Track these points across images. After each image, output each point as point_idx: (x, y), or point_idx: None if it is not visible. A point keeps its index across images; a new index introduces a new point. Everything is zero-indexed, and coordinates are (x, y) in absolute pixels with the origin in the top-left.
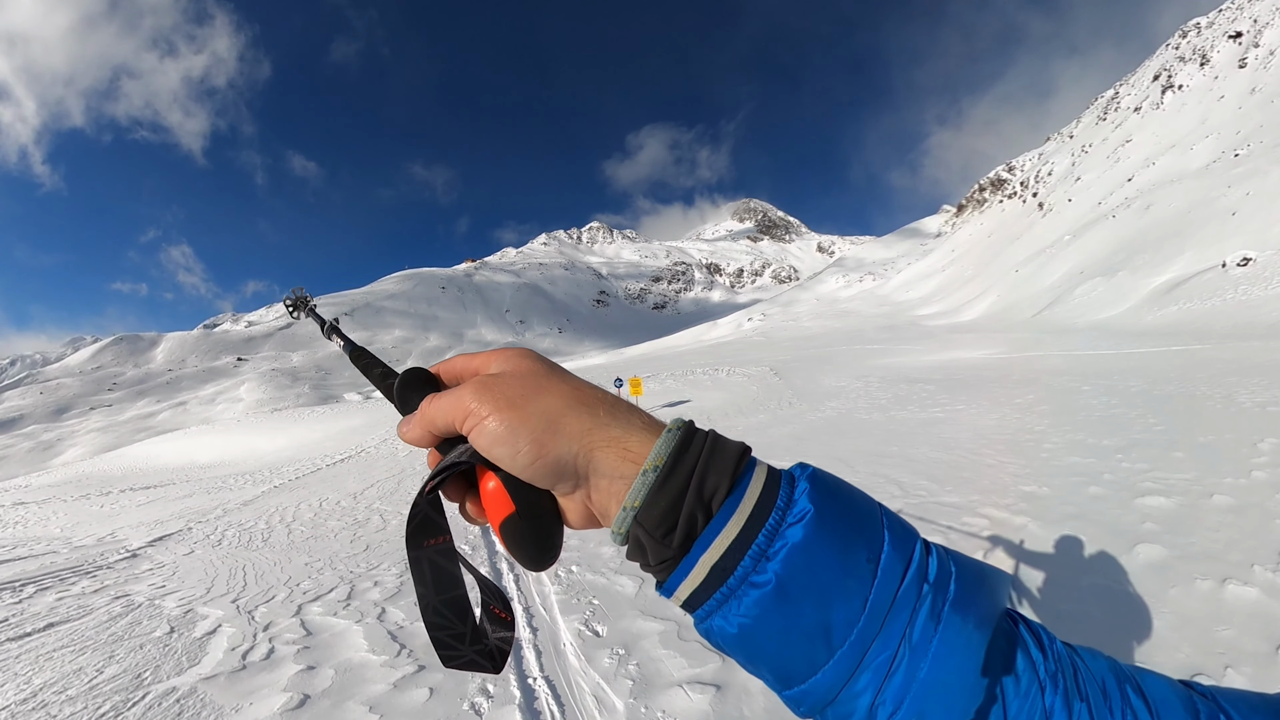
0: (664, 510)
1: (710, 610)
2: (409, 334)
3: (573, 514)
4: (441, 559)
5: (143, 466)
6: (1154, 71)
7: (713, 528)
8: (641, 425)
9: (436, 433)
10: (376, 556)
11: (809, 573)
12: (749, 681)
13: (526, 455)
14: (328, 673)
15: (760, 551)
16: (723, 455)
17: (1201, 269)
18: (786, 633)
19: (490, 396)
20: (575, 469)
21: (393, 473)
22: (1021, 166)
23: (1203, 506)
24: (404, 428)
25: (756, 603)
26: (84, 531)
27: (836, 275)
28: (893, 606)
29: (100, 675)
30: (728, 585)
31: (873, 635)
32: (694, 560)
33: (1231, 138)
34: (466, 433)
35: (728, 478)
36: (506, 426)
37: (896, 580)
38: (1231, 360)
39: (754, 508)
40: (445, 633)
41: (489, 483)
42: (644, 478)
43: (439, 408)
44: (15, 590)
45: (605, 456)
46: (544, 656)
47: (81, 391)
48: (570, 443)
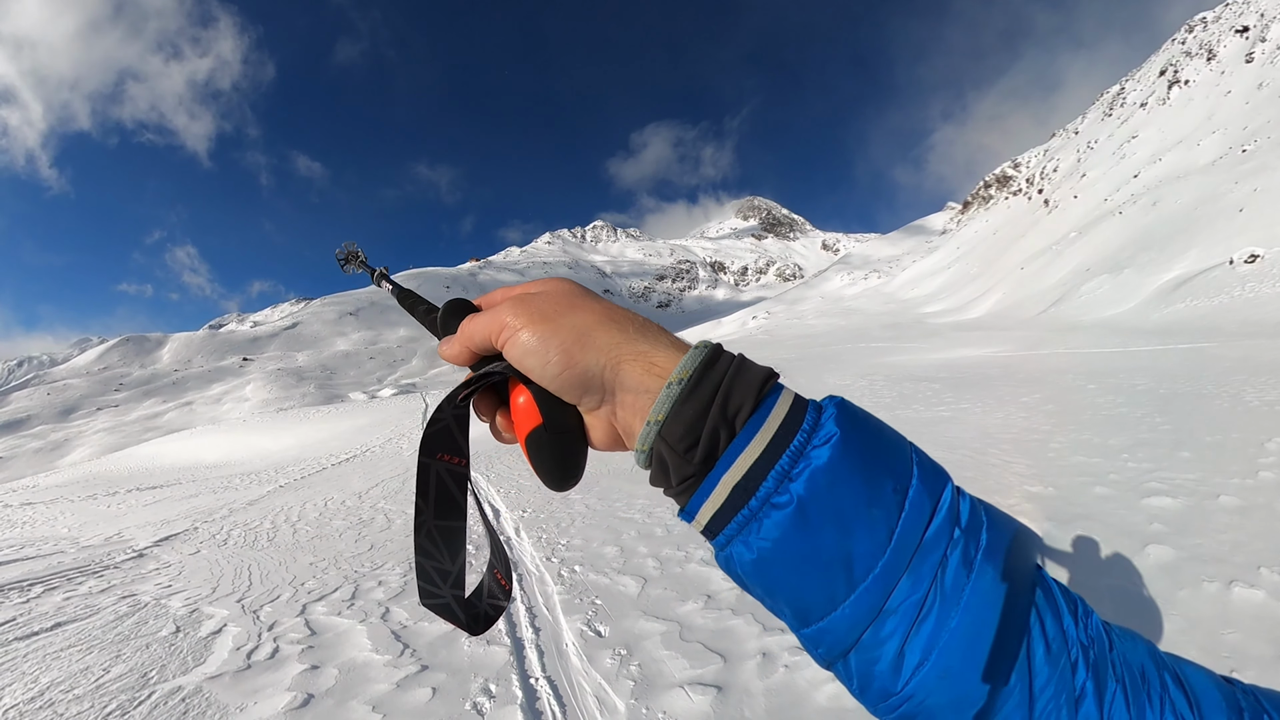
0: (688, 424)
1: (730, 535)
2: (414, 332)
3: (597, 432)
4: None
5: (149, 466)
6: (1160, 66)
7: (736, 445)
8: (669, 343)
9: (474, 349)
10: (381, 556)
11: (831, 495)
12: (750, 683)
13: (556, 365)
14: (331, 672)
15: (783, 472)
16: (749, 375)
17: (1208, 266)
18: (805, 560)
19: (525, 310)
20: (602, 382)
21: (397, 472)
22: (1027, 163)
23: (1209, 507)
24: (444, 346)
25: (776, 525)
26: (91, 531)
27: (841, 273)
28: (921, 545)
29: (107, 674)
30: (749, 507)
31: (898, 573)
32: (716, 479)
33: (1239, 133)
34: (501, 346)
35: (753, 397)
36: (538, 338)
37: (925, 516)
38: (1239, 358)
39: (779, 428)
40: (431, 564)
41: (519, 397)
42: (669, 390)
43: (477, 324)
44: (23, 590)
45: (631, 370)
46: (546, 657)
47: (88, 392)
48: (598, 355)
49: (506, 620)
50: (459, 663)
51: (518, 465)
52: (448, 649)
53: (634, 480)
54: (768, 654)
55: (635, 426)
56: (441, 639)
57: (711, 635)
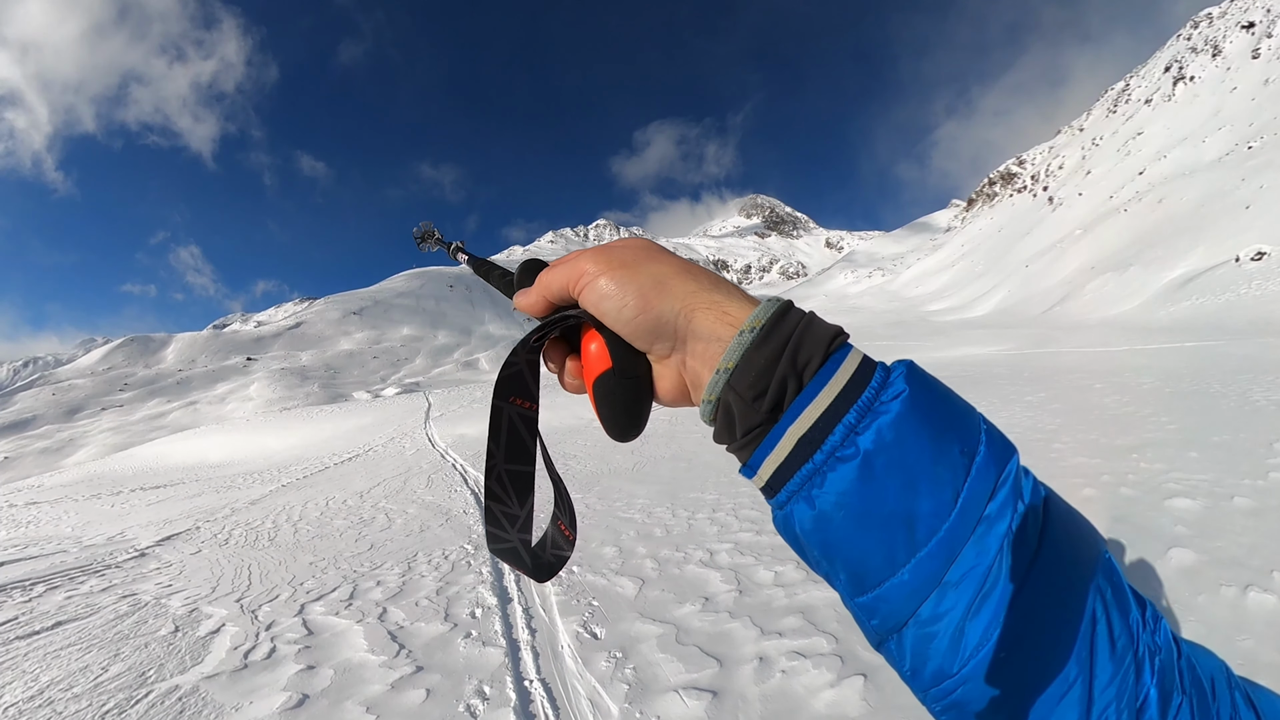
0: (757, 373)
1: (792, 491)
2: (417, 331)
3: (665, 382)
4: (522, 424)
5: (154, 466)
6: (1165, 62)
7: (803, 397)
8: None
9: (550, 297)
10: (380, 555)
11: (898, 449)
12: (746, 688)
13: (632, 309)
14: (327, 672)
15: (850, 426)
16: (819, 329)
17: (1214, 264)
18: (867, 516)
19: (605, 258)
20: (675, 329)
21: (399, 471)
22: (1032, 160)
23: (1226, 509)
24: (521, 296)
25: (840, 479)
26: (94, 531)
27: (845, 271)
28: (985, 515)
29: (105, 673)
30: (813, 461)
31: (962, 540)
32: (782, 430)
33: (1245, 130)
34: (578, 293)
35: (822, 350)
36: (616, 283)
37: (990, 485)
38: (1246, 357)
39: (848, 381)
40: (500, 508)
41: (591, 343)
42: (740, 338)
43: (556, 273)
44: (25, 589)
45: (705, 318)
46: (541, 659)
47: (93, 392)
48: (673, 301)
49: (502, 621)
50: (454, 664)
51: None
52: (443, 650)
53: (634, 480)
54: (765, 658)
55: (704, 376)
56: (437, 640)
57: (708, 638)
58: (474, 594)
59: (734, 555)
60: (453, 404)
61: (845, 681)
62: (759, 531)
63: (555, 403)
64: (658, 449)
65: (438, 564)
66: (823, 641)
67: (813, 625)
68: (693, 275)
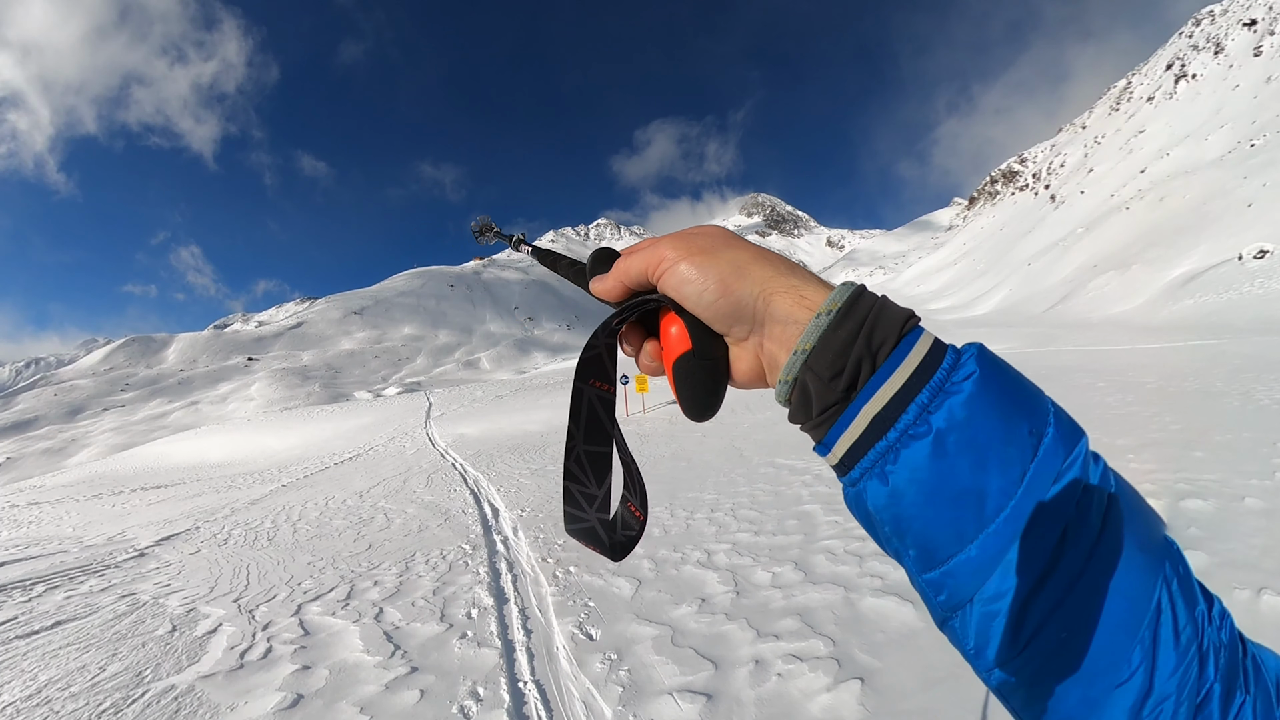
0: (834, 354)
1: (865, 469)
2: (419, 331)
3: (742, 364)
4: (601, 406)
5: (155, 466)
6: (1167, 60)
7: (878, 377)
8: (816, 280)
9: (628, 283)
10: (378, 555)
11: (969, 427)
12: (741, 691)
13: (712, 293)
14: (322, 673)
15: (923, 406)
16: (893, 312)
17: (1217, 262)
18: (938, 492)
19: (684, 244)
20: (754, 312)
21: (399, 471)
22: (1034, 158)
23: (1237, 510)
24: (597, 282)
25: (913, 455)
26: (95, 531)
27: (847, 270)
28: (1051, 494)
29: (103, 672)
30: (886, 439)
31: (1028, 517)
32: (857, 409)
33: (1247, 127)
34: (657, 279)
35: (896, 332)
36: (697, 268)
37: (1057, 465)
38: (1249, 355)
39: (921, 362)
40: (578, 488)
41: (671, 326)
42: (818, 320)
43: (634, 259)
44: (25, 589)
45: (782, 301)
46: (536, 660)
47: (95, 392)
48: (752, 286)
49: (498, 622)
50: (449, 665)
51: (517, 464)
52: (439, 651)
53: None
54: (761, 661)
55: (780, 357)
56: (433, 641)
57: (704, 640)
58: (470, 594)
59: (732, 556)
60: (453, 403)
61: (842, 685)
62: (757, 532)
63: (555, 402)
64: (657, 448)
65: (435, 564)
66: (820, 644)
67: (810, 627)
68: (769, 261)
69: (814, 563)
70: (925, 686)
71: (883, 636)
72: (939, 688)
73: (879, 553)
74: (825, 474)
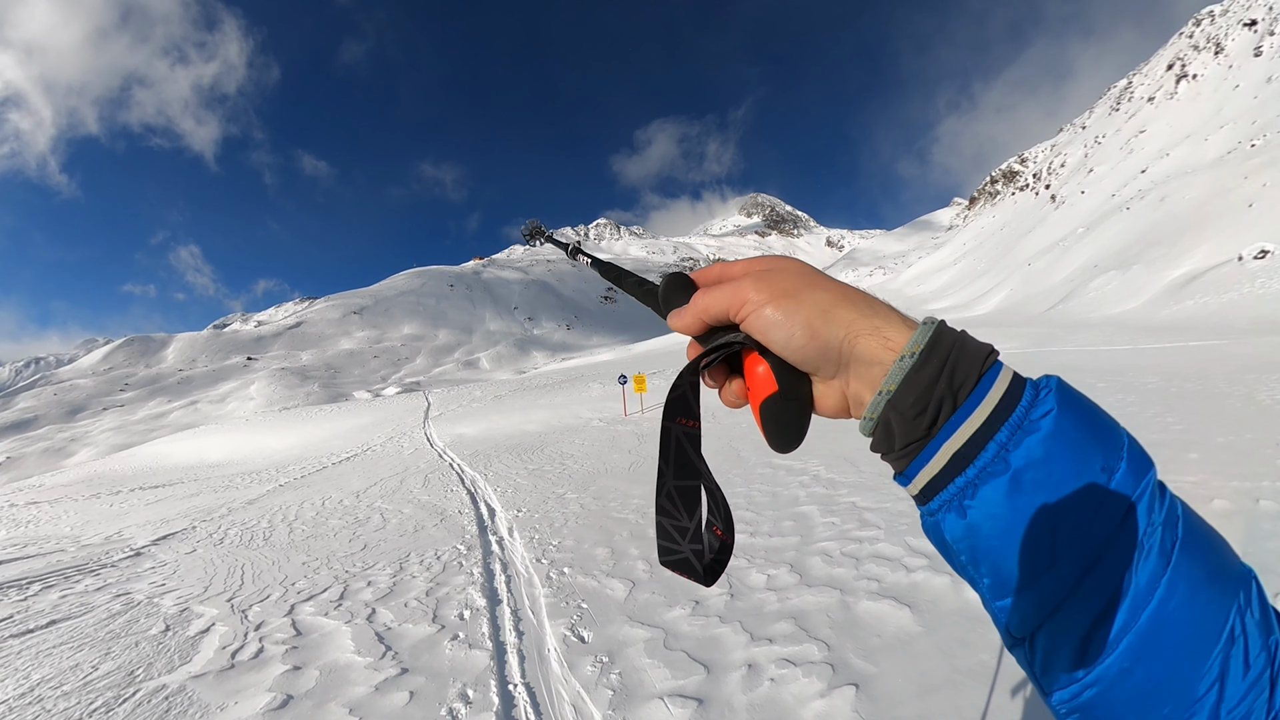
0: (917, 396)
1: (944, 501)
2: (418, 331)
3: (826, 399)
4: (688, 442)
5: (153, 465)
6: (1168, 60)
7: (959, 416)
8: (899, 320)
9: (708, 320)
10: (373, 556)
11: (1045, 466)
12: (733, 696)
13: (800, 339)
14: (312, 673)
15: (1001, 445)
16: (972, 351)
17: (1218, 262)
18: (1013, 529)
19: (768, 286)
20: (840, 354)
21: (396, 471)
22: (1034, 158)
23: (1252, 512)
24: (675, 318)
25: (990, 492)
26: (92, 530)
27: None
28: (1120, 526)
29: (95, 672)
30: (965, 475)
31: (1098, 549)
32: (937, 446)
33: (1247, 128)
34: (741, 320)
35: (976, 370)
36: (784, 313)
37: (1128, 498)
38: (1250, 356)
39: (1000, 401)
40: (671, 522)
41: (757, 366)
42: (901, 363)
43: (715, 297)
44: (21, 588)
45: (867, 344)
46: (527, 662)
47: (94, 392)
48: (838, 329)
49: (490, 624)
50: (439, 666)
51: (515, 465)
52: (430, 652)
53: (631, 480)
54: (754, 665)
55: (865, 396)
56: (424, 642)
57: (697, 644)
58: (463, 595)
59: None
60: (452, 403)
61: (836, 691)
62: (753, 533)
63: (554, 402)
64: (655, 449)
65: (429, 565)
66: (814, 649)
67: (804, 631)
68: (853, 302)
69: (810, 565)
70: (921, 693)
71: (878, 641)
72: (935, 695)
73: (876, 555)
74: (822, 475)
